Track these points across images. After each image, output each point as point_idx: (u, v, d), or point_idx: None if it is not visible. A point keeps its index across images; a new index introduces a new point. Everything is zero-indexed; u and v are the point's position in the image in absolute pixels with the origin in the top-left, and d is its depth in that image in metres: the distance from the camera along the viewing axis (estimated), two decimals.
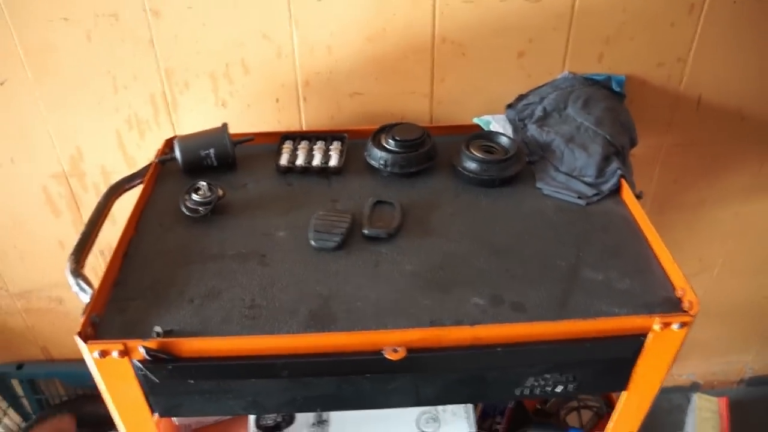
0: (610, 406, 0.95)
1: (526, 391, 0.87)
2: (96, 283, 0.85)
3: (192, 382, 0.81)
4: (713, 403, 1.81)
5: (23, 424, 1.73)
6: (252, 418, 1.03)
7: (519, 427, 1.07)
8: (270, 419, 1.02)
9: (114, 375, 0.81)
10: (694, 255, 1.62)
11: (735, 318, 1.80)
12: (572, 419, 1.14)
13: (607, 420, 0.98)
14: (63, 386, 1.75)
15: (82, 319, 0.79)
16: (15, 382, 1.72)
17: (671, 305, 0.83)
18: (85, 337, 0.78)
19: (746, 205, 1.50)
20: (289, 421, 1.02)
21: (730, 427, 1.74)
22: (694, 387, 2.00)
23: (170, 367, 0.79)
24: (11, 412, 1.74)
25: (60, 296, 1.53)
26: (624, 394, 0.91)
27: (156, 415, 0.86)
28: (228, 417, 1.09)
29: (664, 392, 1.95)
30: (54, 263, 1.44)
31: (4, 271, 1.51)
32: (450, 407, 1.03)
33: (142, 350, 0.77)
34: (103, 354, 0.77)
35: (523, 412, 1.10)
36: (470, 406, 1.03)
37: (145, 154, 1.26)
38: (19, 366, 1.70)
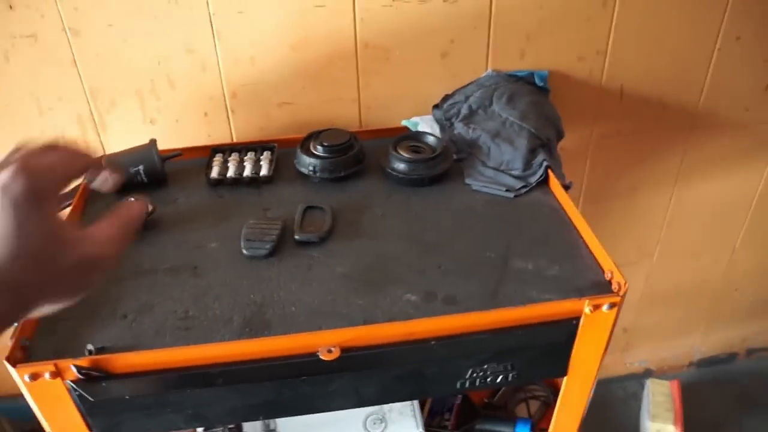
0: (558, 394, 0.96)
1: (467, 384, 0.88)
2: None
3: (128, 398, 0.80)
4: (665, 387, 1.86)
5: None
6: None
7: (468, 422, 1.08)
8: None
9: (48, 398, 0.79)
10: (633, 243, 1.66)
11: (678, 302, 1.85)
12: (521, 410, 1.16)
13: None
14: (10, 423, 1.70)
15: (10, 343, 0.77)
16: None
17: (601, 288, 0.85)
18: (14, 361, 0.76)
19: (677, 189, 1.55)
20: None
21: (683, 408, 1.79)
22: (647, 373, 2.04)
23: (104, 384, 0.78)
24: None
25: None
26: (565, 380, 0.92)
27: None
28: None
29: (619, 381, 2.02)
30: None
31: None
32: (396, 406, 1.03)
33: (74, 369, 0.76)
34: (34, 377, 0.76)
35: (471, 406, 1.11)
36: (416, 404, 1.04)
37: None
38: None
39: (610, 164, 1.46)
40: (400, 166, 1.05)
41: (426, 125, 1.17)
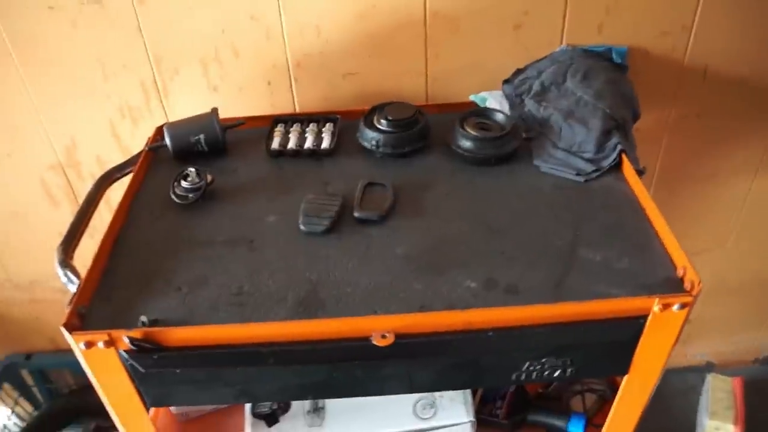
0: (615, 389, 0.93)
1: (523, 376, 0.85)
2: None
3: (178, 371, 0.80)
4: (727, 383, 1.78)
5: (34, 413, 1.75)
6: (248, 406, 1.03)
7: (520, 413, 1.05)
8: (266, 407, 1.01)
9: (102, 365, 0.80)
10: (707, 230, 1.58)
11: (749, 295, 1.76)
12: (576, 403, 1.12)
13: (612, 404, 0.96)
14: (72, 375, 1.76)
15: (67, 310, 0.78)
16: (25, 372, 1.74)
17: (672, 285, 0.80)
18: (71, 328, 0.77)
19: (758, 178, 1.46)
20: (285, 408, 1.01)
21: (744, 407, 1.71)
22: (709, 367, 1.96)
23: (156, 356, 0.78)
24: (22, 401, 1.75)
25: (63, 287, 1.53)
26: (625, 378, 0.88)
27: (151, 409, 0.86)
28: (224, 405, 1.08)
29: (678, 372, 1.95)
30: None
31: (8, 263, 1.51)
32: (447, 393, 1.01)
33: (126, 340, 0.76)
34: (89, 345, 0.77)
35: (524, 396, 1.08)
36: (468, 391, 1.01)
37: (139, 142, 1.24)
38: (28, 356, 1.72)
39: (687, 148, 1.39)
40: (467, 143, 1.01)
41: (495, 101, 1.12)
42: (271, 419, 1.00)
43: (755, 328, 1.89)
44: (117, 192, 1.01)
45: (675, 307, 0.77)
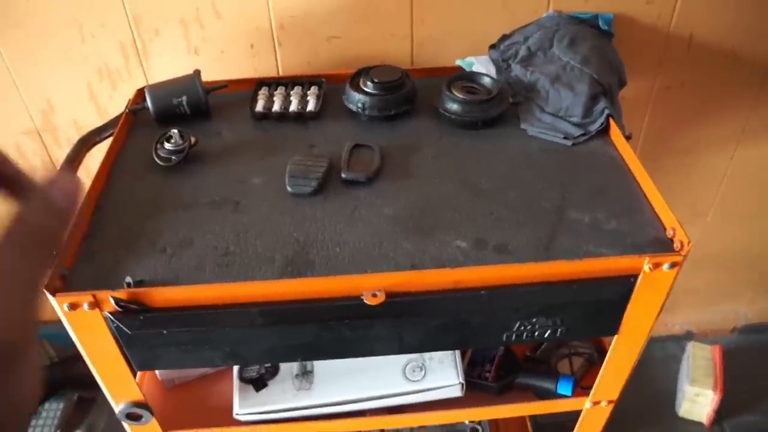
0: (602, 353, 0.93)
1: (513, 337, 0.85)
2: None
3: (165, 332, 0.79)
4: (707, 351, 1.81)
5: None
6: (235, 371, 1.01)
7: (508, 375, 1.05)
8: (253, 371, 1.00)
9: (86, 328, 0.78)
10: (687, 201, 1.59)
11: (727, 265, 1.78)
12: (563, 366, 1.12)
13: (599, 368, 0.96)
14: (53, 347, 1.73)
15: (49, 272, 0.76)
16: None
17: (661, 245, 0.80)
18: (53, 290, 0.74)
19: (740, 148, 1.47)
20: (273, 372, 1.00)
21: (723, 374, 1.74)
22: (688, 336, 1.99)
23: (142, 317, 0.76)
24: None
25: None
26: (615, 339, 0.89)
27: (137, 375, 0.84)
28: (211, 370, 1.07)
29: (659, 341, 1.97)
30: None
31: None
32: (437, 355, 1.00)
33: (112, 301, 0.74)
34: (73, 307, 0.75)
35: (513, 359, 1.08)
36: (457, 353, 1.01)
37: (118, 106, 1.21)
38: None
39: (671, 117, 1.39)
40: (454, 106, 1.00)
41: (481, 65, 1.11)
42: (259, 383, 0.99)
43: (734, 299, 1.91)
44: (95, 159, 0.98)
45: (665, 267, 0.78)
